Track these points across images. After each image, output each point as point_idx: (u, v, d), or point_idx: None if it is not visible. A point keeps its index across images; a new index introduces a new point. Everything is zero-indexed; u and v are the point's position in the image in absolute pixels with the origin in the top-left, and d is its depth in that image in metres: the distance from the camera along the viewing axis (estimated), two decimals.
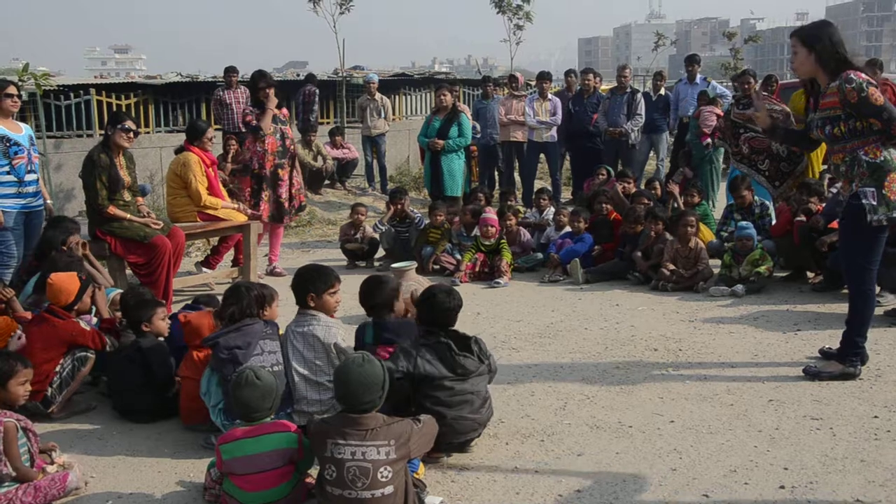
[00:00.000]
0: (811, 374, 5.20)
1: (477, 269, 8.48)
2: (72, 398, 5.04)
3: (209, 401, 4.45)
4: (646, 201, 8.92)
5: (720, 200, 11.21)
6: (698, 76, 12.90)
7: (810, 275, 7.75)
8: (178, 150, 8.03)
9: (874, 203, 4.82)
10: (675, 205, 9.12)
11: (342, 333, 4.51)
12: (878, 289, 6.67)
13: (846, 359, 5.18)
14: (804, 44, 4.95)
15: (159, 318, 5.20)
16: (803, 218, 7.52)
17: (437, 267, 8.74)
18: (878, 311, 6.39)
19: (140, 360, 4.91)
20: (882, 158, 4.85)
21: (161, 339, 5.21)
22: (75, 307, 5.18)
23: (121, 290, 6.15)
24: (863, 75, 4.79)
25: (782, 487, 3.83)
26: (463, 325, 4.53)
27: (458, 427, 4.14)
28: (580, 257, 8.29)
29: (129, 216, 6.74)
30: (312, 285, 4.53)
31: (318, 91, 14.31)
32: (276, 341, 4.51)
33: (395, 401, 3.96)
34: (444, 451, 4.20)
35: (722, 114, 11.10)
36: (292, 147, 8.66)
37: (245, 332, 4.43)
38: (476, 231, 8.82)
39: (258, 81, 8.57)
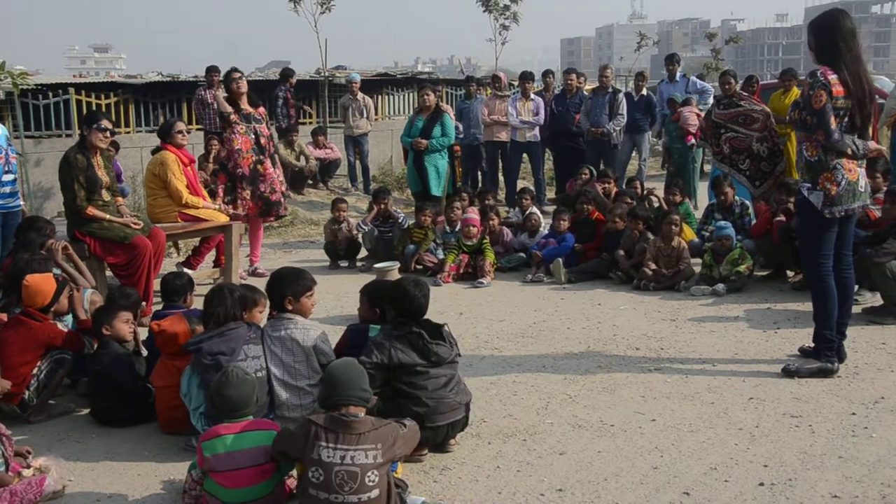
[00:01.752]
0: (789, 373, 5.25)
1: (461, 270, 8.47)
2: (50, 401, 4.99)
3: (190, 403, 4.39)
4: (628, 200, 8.96)
5: (701, 200, 11.27)
6: (678, 74, 13.00)
7: (790, 274, 7.80)
8: (155, 151, 7.96)
9: (821, 193, 4.98)
10: (658, 205, 9.14)
11: (321, 335, 4.49)
12: (856, 287, 6.77)
13: (822, 354, 5.25)
14: (811, 32, 5.11)
15: (121, 321, 5.05)
16: (783, 218, 7.57)
17: (419, 267, 8.73)
18: (856, 308, 6.45)
19: (110, 374, 4.82)
20: (817, 157, 5.03)
21: (126, 345, 5.10)
22: (52, 308, 5.13)
23: (94, 290, 6.08)
24: (830, 76, 4.91)
25: (762, 484, 3.85)
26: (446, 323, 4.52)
27: (439, 407, 4.15)
28: (563, 257, 8.31)
29: (108, 217, 6.69)
30: (290, 289, 4.48)
31: (281, 94, 14.03)
32: (260, 346, 4.43)
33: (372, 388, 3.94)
34: (427, 441, 4.18)
35: (700, 113, 11.20)
36: (269, 145, 8.48)
37: (229, 338, 4.35)
38: (458, 228, 8.79)
39: (229, 74, 8.60)
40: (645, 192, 9.87)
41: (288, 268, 4.70)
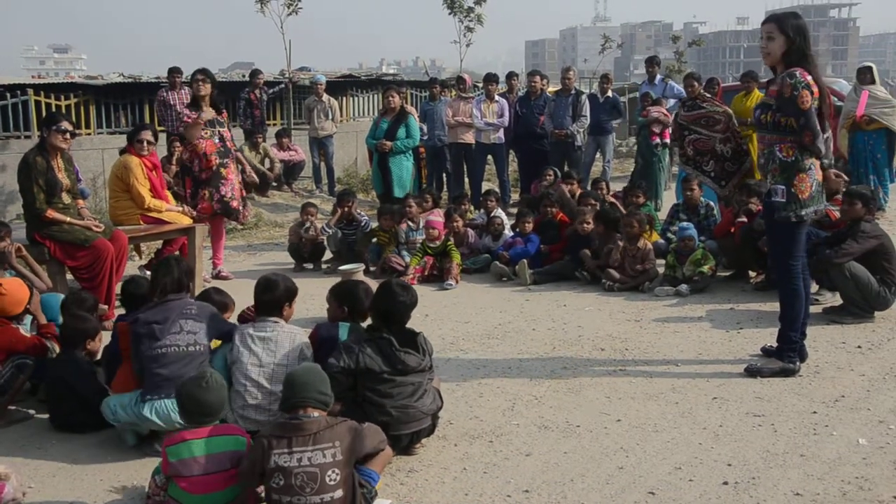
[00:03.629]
0: (752, 372, 5.31)
1: (426, 272, 8.45)
2: (9, 406, 4.89)
3: (124, 414, 4.38)
4: (591, 202, 9.01)
5: (667, 203, 11.35)
6: (658, 76, 13.07)
7: (752, 274, 7.90)
8: (122, 152, 7.87)
9: (783, 200, 5.04)
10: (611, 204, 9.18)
11: (307, 341, 4.54)
12: (816, 287, 6.88)
13: (784, 355, 5.31)
14: (782, 31, 5.04)
15: (99, 339, 5.06)
16: (744, 219, 7.66)
17: (385, 269, 8.69)
18: (817, 308, 6.56)
19: (72, 382, 4.73)
20: (794, 158, 5.05)
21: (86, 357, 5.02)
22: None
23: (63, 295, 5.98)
24: (808, 77, 4.95)
25: (725, 483, 3.90)
26: (412, 326, 4.51)
27: (403, 417, 4.15)
28: (527, 258, 8.33)
29: (68, 219, 6.59)
30: (287, 294, 4.55)
31: (244, 95, 13.84)
32: (201, 323, 4.48)
33: (337, 393, 3.93)
34: (393, 448, 4.18)
35: (668, 113, 11.30)
36: (233, 147, 8.39)
37: (165, 308, 4.42)
38: (422, 226, 8.77)
39: (194, 75, 8.38)
40: (610, 193, 9.94)
41: (275, 274, 4.69)
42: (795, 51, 5.04)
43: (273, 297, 4.51)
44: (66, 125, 6.55)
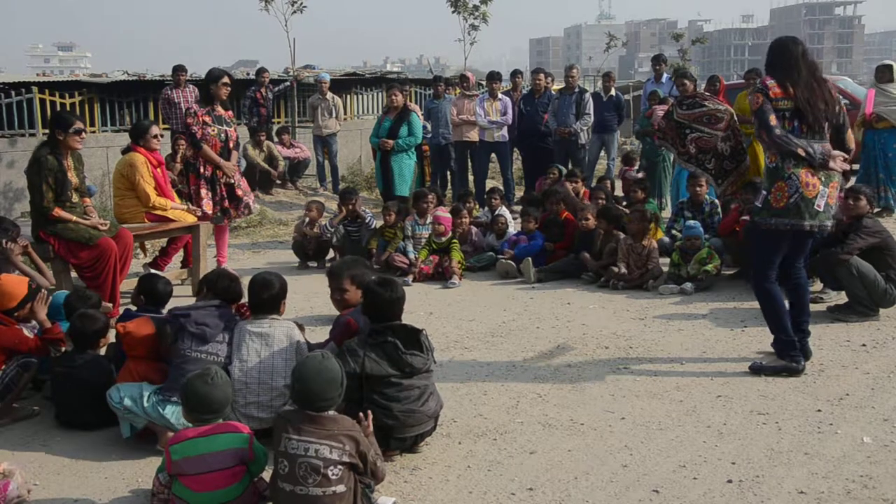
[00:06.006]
0: (756, 370, 5.31)
1: (431, 271, 8.44)
2: (13, 404, 4.90)
3: (133, 405, 4.38)
4: (601, 196, 9.02)
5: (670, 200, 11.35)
6: (664, 75, 13.05)
7: None
8: (125, 151, 7.87)
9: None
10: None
11: (302, 336, 4.55)
12: (821, 286, 6.88)
13: (784, 354, 5.32)
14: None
15: (106, 339, 5.10)
16: (748, 217, 7.65)
17: (389, 265, 8.68)
18: (821, 307, 6.57)
19: (80, 381, 4.73)
20: (775, 165, 5.10)
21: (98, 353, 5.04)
22: (16, 313, 5.05)
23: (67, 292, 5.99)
24: (769, 81, 5.03)
25: (730, 481, 3.90)
26: (416, 325, 4.50)
27: (408, 420, 4.15)
28: (532, 256, 8.33)
29: (74, 218, 6.60)
30: (284, 293, 4.59)
31: (250, 94, 13.92)
32: (230, 335, 4.52)
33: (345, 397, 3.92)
34: (396, 449, 4.19)
35: None
36: (234, 148, 8.34)
37: (220, 314, 4.50)
38: (429, 221, 8.75)
39: (220, 77, 8.19)
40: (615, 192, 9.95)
41: (269, 272, 4.71)
42: (774, 66, 5.12)
43: (270, 296, 4.53)
44: (80, 126, 6.57)
